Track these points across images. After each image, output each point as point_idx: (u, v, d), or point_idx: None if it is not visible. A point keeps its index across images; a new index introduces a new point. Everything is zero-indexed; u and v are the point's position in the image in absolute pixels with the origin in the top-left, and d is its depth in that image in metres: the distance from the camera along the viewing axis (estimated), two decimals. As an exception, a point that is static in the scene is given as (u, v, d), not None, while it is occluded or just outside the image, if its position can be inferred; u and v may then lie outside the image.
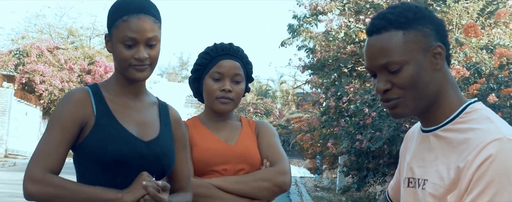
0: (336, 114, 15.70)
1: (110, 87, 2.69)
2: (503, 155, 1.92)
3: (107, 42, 2.67)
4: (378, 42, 2.07)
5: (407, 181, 2.23)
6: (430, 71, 2.07)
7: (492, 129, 1.99)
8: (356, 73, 15.72)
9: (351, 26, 14.74)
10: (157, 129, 2.69)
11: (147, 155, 2.59)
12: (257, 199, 3.01)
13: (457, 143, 2.04)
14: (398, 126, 12.38)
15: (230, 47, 3.13)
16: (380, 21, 2.08)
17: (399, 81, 2.06)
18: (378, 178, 15.47)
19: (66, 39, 33.24)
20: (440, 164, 2.07)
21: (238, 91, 3.09)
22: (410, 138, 2.36)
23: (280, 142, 3.26)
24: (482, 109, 2.10)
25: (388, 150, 13.41)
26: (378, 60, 2.07)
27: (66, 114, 2.55)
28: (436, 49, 2.07)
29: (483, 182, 1.92)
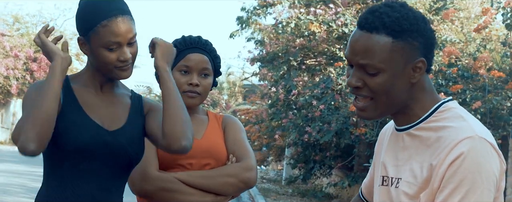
0: (285, 107, 15.78)
1: (81, 80, 2.69)
2: (475, 153, 1.94)
3: (83, 45, 2.65)
4: (365, 41, 2.04)
5: (381, 179, 2.22)
6: (405, 83, 2.06)
7: (464, 127, 2.01)
8: (305, 66, 15.80)
9: (302, 18, 14.80)
10: (125, 120, 2.68)
11: (111, 143, 2.58)
12: (222, 194, 2.98)
13: (430, 142, 2.05)
14: (346, 119, 12.52)
15: (199, 41, 3.09)
16: (375, 20, 2.04)
17: (371, 84, 2.05)
18: (324, 170, 15.64)
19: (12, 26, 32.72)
20: (414, 163, 2.08)
21: (206, 86, 3.05)
22: (385, 136, 2.35)
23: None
24: (455, 107, 2.11)
25: (336, 143, 13.55)
26: (359, 58, 2.05)
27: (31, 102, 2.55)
28: (418, 63, 2.05)
29: (455, 180, 1.94)
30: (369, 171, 2.52)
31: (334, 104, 13.21)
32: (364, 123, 11.98)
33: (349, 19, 14.21)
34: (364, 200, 2.55)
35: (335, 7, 14.42)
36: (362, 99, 2.11)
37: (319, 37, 14.63)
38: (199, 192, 2.93)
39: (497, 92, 9.14)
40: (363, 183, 2.57)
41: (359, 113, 2.14)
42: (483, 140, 1.98)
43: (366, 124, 11.89)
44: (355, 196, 2.62)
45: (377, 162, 2.35)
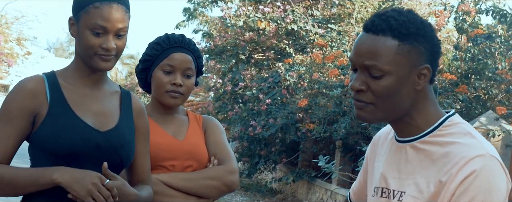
0: (231, 100, 15.77)
1: (68, 76, 2.59)
2: (487, 171, 1.93)
3: (72, 26, 2.56)
4: (371, 42, 2.02)
5: (380, 191, 2.19)
6: (409, 89, 2.04)
7: (475, 145, 1.99)
8: (253, 60, 15.82)
9: (251, 16, 14.80)
10: (116, 119, 2.61)
11: (104, 146, 2.51)
12: (204, 197, 2.96)
13: (437, 156, 2.03)
14: (292, 115, 12.55)
15: (183, 40, 3.04)
16: (381, 23, 2.02)
17: (375, 88, 2.02)
18: (269, 165, 15.67)
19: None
20: (418, 177, 2.05)
21: (189, 86, 3.01)
22: (379, 144, 2.32)
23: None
24: (461, 122, 2.10)
25: (281, 138, 13.59)
26: (364, 60, 2.02)
27: (15, 106, 2.47)
28: (423, 70, 2.04)
29: (466, 197, 1.92)
30: (358, 177, 2.49)
31: (282, 99, 13.25)
32: (310, 119, 12.03)
33: (298, 15, 14.26)
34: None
35: (283, 5, 14.46)
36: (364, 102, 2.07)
37: (268, 32, 14.66)
38: (181, 194, 2.90)
39: (447, 95, 9.25)
40: (351, 188, 2.55)
41: (358, 112, 2.10)
42: (494, 158, 1.97)
43: (313, 121, 11.93)
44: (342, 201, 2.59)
45: (371, 170, 2.31)
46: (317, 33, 13.77)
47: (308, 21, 14.08)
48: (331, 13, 14.37)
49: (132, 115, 2.68)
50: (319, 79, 11.53)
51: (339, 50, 12.07)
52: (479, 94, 9.34)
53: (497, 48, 8.98)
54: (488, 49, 8.93)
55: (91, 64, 2.53)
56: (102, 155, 2.51)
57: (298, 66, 12.99)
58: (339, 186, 12.49)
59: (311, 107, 11.82)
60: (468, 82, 9.16)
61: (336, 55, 11.48)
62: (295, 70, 12.87)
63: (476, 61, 8.96)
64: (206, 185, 2.93)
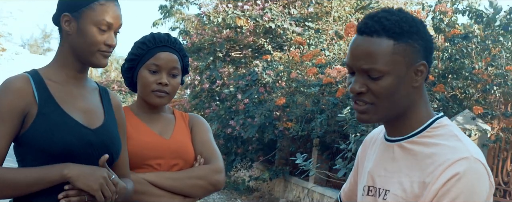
0: (208, 97, 15.78)
1: (52, 74, 2.59)
2: (470, 174, 1.95)
3: (68, 22, 2.57)
4: (367, 45, 2.03)
5: (367, 189, 2.22)
6: (408, 86, 2.06)
7: (460, 147, 2.01)
8: (230, 58, 15.83)
9: (229, 12, 14.82)
10: (102, 116, 2.64)
11: (95, 143, 2.53)
12: (190, 196, 2.96)
13: (421, 157, 2.05)
14: (269, 113, 12.57)
15: (168, 39, 3.04)
16: (374, 24, 2.04)
17: (375, 89, 2.04)
18: (245, 163, 15.69)
19: None
20: (403, 176, 2.08)
21: (175, 85, 3.01)
22: (370, 144, 2.34)
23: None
24: (449, 125, 2.12)
25: (259, 137, 13.60)
26: (362, 63, 2.04)
27: (5, 106, 2.45)
28: (419, 66, 2.06)
29: (447, 198, 1.94)
30: (349, 178, 2.51)
31: (260, 97, 13.28)
32: (288, 117, 12.05)
33: (276, 14, 14.30)
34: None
35: (262, 2, 14.50)
36: (363, 103, 2.09)
37: (246, 30, 14.68)
38: (167, 193, 2.90)
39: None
40: (342, 189, 2.57)
41: (360, 116, 2.11)
42: (478, 161, 1.99)
43: (290, 119, 11.96)
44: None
45: (361, 170, 2.34)
46: (295, 32, 13.82)
47: (286, 20, 14.12)
48: (308, 12, 14.42)
49: (113, 110, 2.72)
50: (297, 78, 11.57)
51: (317, 48, 12.10)
52: (456, 93, 9.41)
53: (473, 48, 9.05)
54: (465, 49, 8.99)
55: (91, 60, 2.56)
56: (94, 152, 2.52)
57: (276, 64, 13.02)
58: (316, 184, 12.54)
59: (288, 105, 11.86)
60: (445, 81, 9.22)
61: (314, 53, 11.51)
62: (272, 69, 12.90)
63: (453, 61, 9.03)
64: (192, 185, 2.92)
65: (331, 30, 12.85)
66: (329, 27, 13.33)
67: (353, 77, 2.09)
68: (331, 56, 11.55)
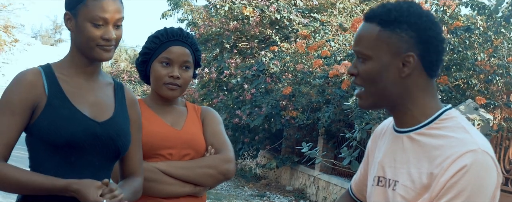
0: (216, 88, 15.90)
1: (64, 68, 2.64)
2: (477, 166, 1.96)
3: (68, 20, 2.61)
4: (361, 29, 2.13)
5: (377, 179, 2.23)
6: (393, 75, 2.07)
7: (468, 139, 2.02)
8: (237, 49, 15.95)
9: (236, 2, 14.94)
10: (112, 109, 2.66)
11: (101, 136, 2.56)
12: (201, 185, 3.03)
13: (429, 148, 2.06)
14: (276, 102, 12.72)
15: (181, 33, 3.10)
16: (374, 11, 2.11)
17: (361, 71, 2.10)
18: (251, 152, 15.86)
19: None
20: (412, 167, 2.09)
21: (186, 78, 3.06)
22: (380, 135, 2.35)
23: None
24: (457, 117, 2.11)
25: (266, 127, 13.74)
26: (355, 45, 2.14)
27: (15, 98, 2.52)
28: (407, 58, 2.06)
29: (454, 190, 1.95)
30: (359, 169, 2.52)
31: (267, 87, 13.41)
32: (294, 106, 12.21)
33: (282, 5, 14.42)
34: (354, 198, 2.57)
35: (269, -7, 14.62)
36: (358, 87, 2.15)
37: (252, 21, 14.78)
38: (178, 182, 2.98)
39: (437, 91, 9.39)
40: (352, 180, 2.58)
41: (359, 102, 2.18)
42: (485, 153, 2.00)
43: (296, 108, 12.11)
44: (343, 192, 2.65)
45: (371, 161, 2.36)
46: (301, 23, 13.93)
47: (292, 11, 14.25)
48: (313, 4, 14.53)
49: (126, 106, 2.75)
50: (303, 70, 11.67)
51: (322, 40, 12.20)
52: (459, 83, 9.49)
53: (476, 39, 9.15)
54: (467, 40, 9.09)
55: (92, 56, 2.59)
56: (100, 145, 2.57)
57: (283, 54, 13.14)
58: (322, 172, 12.72)
59: (294, 95, 11.99)
60: (449, 73, 9.30)
61: (319, 45, 11.62)
62: (279, 59, 13.02)
63: (456, 53, 9.13)
64: (202, 173, 3.01)
65: (336, 22, 12.96)
66: (334, 19, 13.41)
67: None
68: (336, 47, 11.69)
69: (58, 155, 2.52)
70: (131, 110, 2.78)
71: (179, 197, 3.02)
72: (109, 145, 2.60)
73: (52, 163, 2.53)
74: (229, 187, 14.31)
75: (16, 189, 2.50)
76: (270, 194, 13.61)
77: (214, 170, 3.03)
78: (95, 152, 2.57)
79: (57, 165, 2.53)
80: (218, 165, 3.04)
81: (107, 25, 2.56)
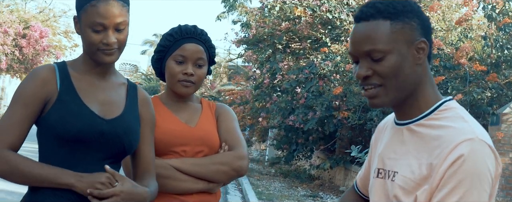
0: (269, 89, 15.95)
1: (77, 66, 2.70)
2: (474, 155, 1.97)
3: (76, 24, 2.68)
4: (365, 29, 2.10)
5: (377, 171, 2.25)
6: (412, 64, 2.09)
7: (465, 129, 2.03)
8: (290, 50, 15.97)
9: (287, 2, 14.97)
10: (122, 108, 2.70)
11: (108, 133, 2.60)
12: (214, 182, 3.05)
13: (429, 139, 2.08)
14: (328, 103, 12.71)
15: (194, 31, 3.13)
16: (369, 9, 2.11)
17: (381, 70, 2.08)
18: (306, 153, 15.87)
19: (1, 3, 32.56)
20: (411, 158, 2.11)
21: (200, 75, 3.10)
22: (383, 129, 2.38)
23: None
24: (456, 107, 2.14)
25: (319, 130, 13.73)
26: (363, 47, 2.10)
27: (28, 91, 2.59)
28: (420, 44, 2.10)
29: (454, 180, 1.96)
30: (364, 164, 2.54)
31: (318, 89, 13.41)
32: (347, 107, 12.19)
33: (334, 5, 14.39)
34: (359, 192, 2.58)
35: (320, -7, 14.60)
36: (371, 87, 2.13)
37: (304, 21, 14.79)
38: (191, 179, 3.00)
39: (478, 83, 9.31)
40: (357, 175, 2.59)
41: (371, 101, 2.16)
42: (482, 142, 2.01)
43: (349, 108, 12.09)
44: (349, 188, 2.65)
45: (373, 155, 2.38)
46: (352, 23, 13.85)
47: (343, 11, 14.22)
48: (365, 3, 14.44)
49: (137, 105, 2.79)
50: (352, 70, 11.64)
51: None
52: (510, 81, 9.39)
53: (525, 35, 9.04)
54: (516, 37, 8.99)
55: (95, 59, 2.65)
56: (106, 142, 2.61)
57: (333, 55, 13.13)
58: (375, 172, 12.66)
59: (346, 95, 11.98)
60: (498, 70, 9.21)
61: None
62: (330, 59, 13.01)
63: (506, 50, 9.01)
64: (215, 170, 3.03)
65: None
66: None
67: (358, 65, 2.15)
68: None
69: (64, 149, 2.58)
70: (144, 109, 2.81)
71: (193, 193, 3.04)
72: (115, 142, 2.63)
73: (59, 157, 2.59)
74: (282, 188, 14.35)
75: (24, 180, 2.56)
76: (323, 194, 13.60)
77: (227, 166, 3.05)
78: (100, 148, 2.61)
79: (63, 159, 2.58)
80: (231, 161, 3.06)
81: (106, 30, 2.59)
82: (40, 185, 2.55)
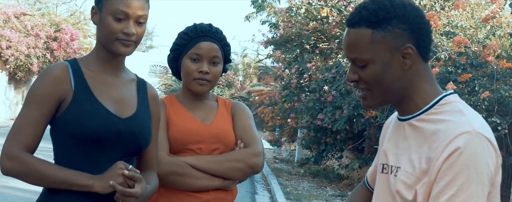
0: (297, 89, 15.93)
1: (90, 64, 2.70)
2: (471, 147, 1.98)
3: (94, 14, 2.69)
4: (351, 36, 2.12)
5: (381, 166, 2.28)
6: (397, 70, 2.11)
7: (463, 122, 2.04)
8: (318, 50, 15.94)
9: (313, 3, 14.94)
10: (135, 106, 2.72)
11: (124, 132, 2.61)
12: (230, 179, 3.08)
13: (428, 133, 2.09)
14: (357, 103, 12.66)
15: (209, 29, 3.16)
16: (355, 16, 2.13)
17: (364, 77, 2.12)
18: (335, 153, 15.84)
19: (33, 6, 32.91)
20: (413, 153, 2.13)
21: (216, 73, 3.13)
22: (389, 126, 2.39)
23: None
24: (456, 101, 2.15)
25: (348, 129, 13.69)
26: (349, 53, 2.14)
27: (43, 91, 2.57)
28: (406, 50, 2.09)
29: (451, 173, 1.98)
30: (374, 160, 2.56)
31: (346, 87, 13.39)
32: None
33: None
34: (369, 188, 2.60)
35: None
36: (361, 90, 2.19)
37: (332, 21, 14.75)
38: (207, 176, 3.03)
39: (505, 81, 9.23)
40: (368, 171, 2.62)
41: (362, 102, 2.22)
42: (480, 135, 2.02)
43: (376, 107, 12.04)
44: (360, 183, 2.68)
45: (380, 151, 2.40)
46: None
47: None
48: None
49: (148, 102, 2.81)
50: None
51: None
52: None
53: None
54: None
55: (111, 49, 2.65)
56: (122, 141, 2.62)
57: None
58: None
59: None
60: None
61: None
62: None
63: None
64: (231, 167, 3.06)
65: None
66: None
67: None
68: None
69: (80, 148, 2.58)
70: (153, 106, 2.84)
71: (209, 190, 3.06)
72: (131, 141, 2.65)
73: (75, 156, 2.59)
74: (311, 188, 14.35)
75: (41, 182, 2.56)
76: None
77: (243, 163, 3.08)
78: (117, 147, 2.62)
79: (79, 159, 2.58)
80: (247, 158, 3.09)
81: (128, 20, 2.62)
82: (57, 187, 2.55)
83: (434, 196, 2.02)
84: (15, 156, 2.52)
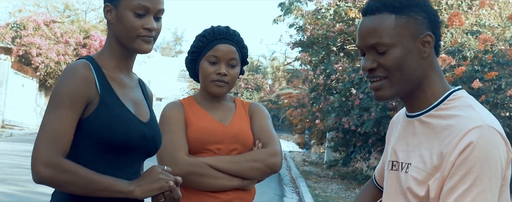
0: (325, 91, 15.91)
1: (106, 62, 2.59)
2: (483, 142, 1.99)
3: (108, 12, 2.60)
4: (371, 22, 2.14)
5: (390, 164, 2.28)
6: (417, 58, 2.13)
7: (474, 116, 2.05)
8: (344, 52, 15.91)
9: (341, 5, 14.93)
10: (147, 108, 2.69)
11: (148, 136, 2.58)
12: (248, 178, 3.10)
13: (439, 129, 2.10)
14: (384, 104, 12.62)
15: (227, 31, 3.19)
16: (375, 3, 2.15)
17: (385, 63, 2.12)
18: (364, 155, 15.79)
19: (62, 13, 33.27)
20: (423, 149, 2.14)
21: (233, 75, 3.17)
22: (396, 123, 2.40)
23: (271, 119, 3.35)
24: (465, 96, 2.16)
25: (376, 131, 13.64)
26: (368, 40, 2.14)
27: (74, 91, 2.43)
28: (425, 38, 2.13)
29: (464, 168, 1.99)
30: (382, 158, 2.56)
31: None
32: (402, 106, 12.08)
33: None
34: (377, 185, 2.61)
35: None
36: (377, 80, 2.17)
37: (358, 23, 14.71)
38: (226, 176, 3.06)
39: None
40: (376, 169, 2.63)
41: (376, 94, 2.20)
42: (492, 129, 2.03)
43: (404, 108, 11.97)
44: (367, 181, 2.68)
45: (388, 148, 2.40)
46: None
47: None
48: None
49: (150, 103, 2.78)
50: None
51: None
52: None
53: None
54: None
55: (133, 47, 2.57)
56: (144, 145, 2.57)
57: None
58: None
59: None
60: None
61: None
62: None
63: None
64: (249, 167, 3.08)
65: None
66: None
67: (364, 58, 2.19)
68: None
69: (105, 153, 2.49)
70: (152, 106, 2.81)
71: (228, 190, 3.09)
72: (152, 144, 2.62)
73: (98, 162, 2.47)
74: (339, 190, 14.29)
75: (84, 190, 2.42)
76: (380, 195, 13.46)
77: (261, 163, 3.10)
78: (141, 151, 2.58)
79: (102, 164, 2.47)
80: (265, 158, 3.11)
81: (148, 15, 2.55)
82: (97, 195, 2.42)
83: (447, 191, 2.03)
84: (54, 163, 2.35)
